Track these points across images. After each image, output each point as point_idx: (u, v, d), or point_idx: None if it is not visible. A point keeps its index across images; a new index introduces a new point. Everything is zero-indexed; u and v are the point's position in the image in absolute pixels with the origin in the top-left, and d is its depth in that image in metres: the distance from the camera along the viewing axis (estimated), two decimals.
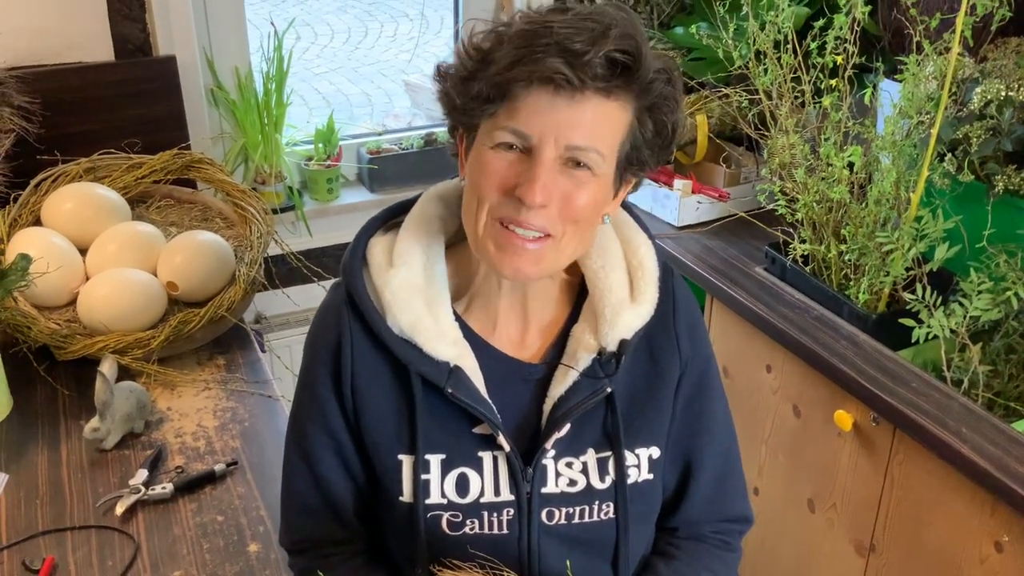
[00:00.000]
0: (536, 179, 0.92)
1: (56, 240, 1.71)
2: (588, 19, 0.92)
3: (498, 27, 0.97)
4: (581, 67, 0.90)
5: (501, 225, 0.96)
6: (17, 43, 1.90)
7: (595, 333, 1.05)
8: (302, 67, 5.05)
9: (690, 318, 1.11)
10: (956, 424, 1.49)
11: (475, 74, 0.95)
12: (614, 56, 0.91)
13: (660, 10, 2.38)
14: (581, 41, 0.90)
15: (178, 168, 1.95)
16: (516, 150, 0.94)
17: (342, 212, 2.39)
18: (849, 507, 1.75)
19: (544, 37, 0.90)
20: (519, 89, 0.92)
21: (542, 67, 0.90)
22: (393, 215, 1.10)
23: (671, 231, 2.14)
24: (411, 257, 1.04)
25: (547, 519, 1.04)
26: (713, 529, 1.17)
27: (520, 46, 0.92)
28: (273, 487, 1.34)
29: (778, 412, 1.88)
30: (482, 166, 0.95)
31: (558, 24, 0.91)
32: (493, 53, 0.95)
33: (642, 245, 1.09)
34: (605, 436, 1.05)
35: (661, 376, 1.08)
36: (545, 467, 1.04)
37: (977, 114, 1.67)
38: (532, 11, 0.97)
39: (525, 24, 0.94)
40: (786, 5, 1.76)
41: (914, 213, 1.66)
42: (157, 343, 1.61)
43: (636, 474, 1.06)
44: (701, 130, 2.19)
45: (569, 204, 0.95)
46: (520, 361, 1.07)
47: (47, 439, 1.50)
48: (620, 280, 1.07)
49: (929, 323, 1.56)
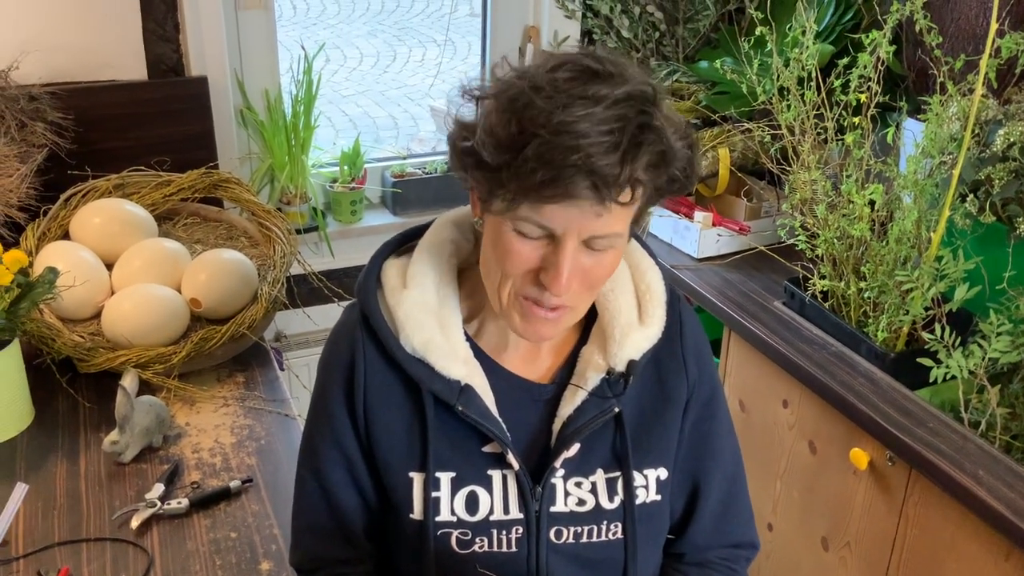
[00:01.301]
0: (561, 271, 0.93)
1: (83, 254, 1.74)
2: (616, 119, 0.87)
3: (516, 102, 0.90)
4: (609, 190, 0.88)
5: (525, 298, 0.97)
6: (53, 60, 1.95)
7: (604, 354, 1.07)
8: (330, 89, 5.11)
9: (697, 342, 1.13)
10: (973, 466, 1.48)
11: (498, 167, 0.91)
12: (640, 176, 0.90)
13: (686, 44, 2.40)
14: (610, 163, 0.87)
15: (206, 187, 1.98)
16: (540, 237, 0.94)
17: (365, 234, 2.42)
18: (863, 546, 1.74)
19: (573, 154, 0.86)
20: (547, 199, 0.90)
21: (570, 190, 0.88)
22: (407, 239, 1.13)
23: (691, 263, 2.14)
24: (424, 279, 1.05)
25: (555, 538, 1.05)
26: (720, 555, 1.17)
27: (547, 162, 0.87)
28: (287, 506, 1.34)
29: (794, 448, 1.87)
30: (506, 247, 0.95)
31: (585, 136, 0.86)
32: (516, 149, 0.89)
33: (649, 270, 1.11)
34: (614, 456, 1.07)
35: (669, 398, 1.10)
36: (554, 486, 1.05)
37: (1000, 156, 1.67)
38: (553, 82, 0.89)
39: (548, 122, 0.87)
40: (811, 42, 1.78)
41: (935, 252, 1.66)
42: (178, 359, 1.63)
43: (644, 495, 1.07)
44: (723, 163, 2.20)
45: (588, 278, 0.97)
46: (530, 381, 1.09)
47: (66, 450, 1.52)
48: (629, 303, 1.09)
49: (947, 363, 1.55)
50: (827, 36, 2.11)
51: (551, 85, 0.89)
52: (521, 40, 2.50)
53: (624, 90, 0.89)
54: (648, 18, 2.41)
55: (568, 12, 2.42)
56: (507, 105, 0.90)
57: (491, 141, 0.90)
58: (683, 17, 2.39)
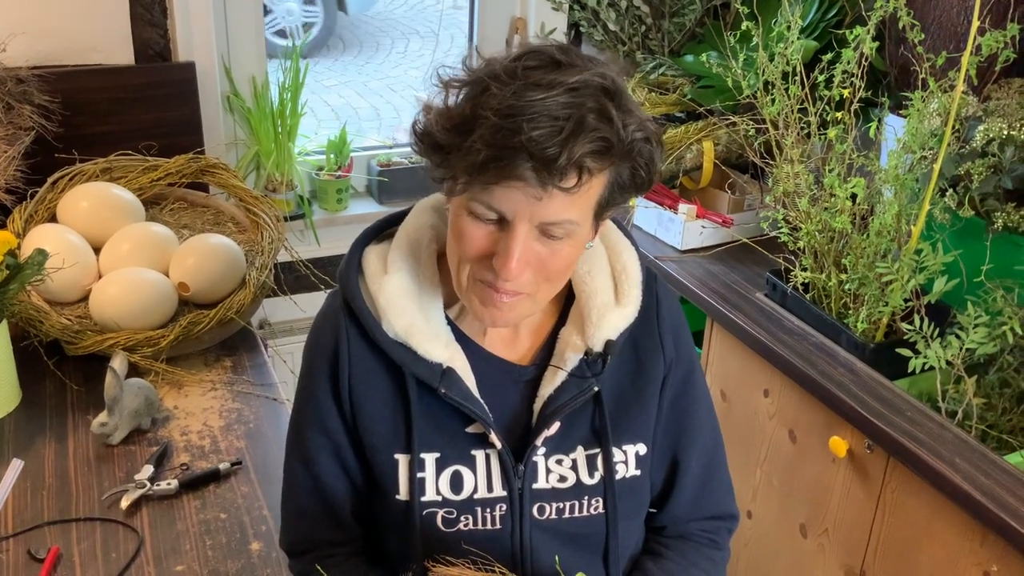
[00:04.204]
0: (511, 255, 0.94)
1: (71, 237, 1.74)
2: (565, 106, 0.88)
3: (475, 88, 0.92)
4: (550, 173, 0.89)
5: (482, 282, 0.99)
6: (40, 44, 1.94)
7: (582, 335, 1.09)
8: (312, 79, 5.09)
9: (674, 321, 1.15)
10: (950, 454, 1.51)
11: (449, 150, 0.93)
12: (584, 162, 0.90)
13: (671, 37, 2.42)
14: (552, 145, 0.87)
15: (193, 172, 1.98)
16: (492, 221, 0.95)
17: (351, 222, 2.42)
18: (841, 533, 1.77)
19: (516, 135, 0.87)
20: (491, 180, 0.92)
21: (511, 171, 0.89)
22: (387, 225, 1.15)
23: (674, 254, 2.17)
24: (404, 264, 1.07)
25: (538, 514, 1.08)
26: (700, 527, 1.20)
27: (491, 143, 0.89)
28: (276, 488, 1.35)
29: (774, 436, 1.90)
30: (460, 231, 0.97)
31: (529, 119, 0.87)
32: (466, 131, 0.91)
33: (625, 250, 1.13)
34: (593, 433, 1.09)
35: (646, 375, 1.12)
36: (536, 464, 1.07)
37: (979, 151, 1.71)
38: (513, 70, 0.91)
39: (499, 106, 0.89)
40: (795, 38, 1.80)
41: (914, 246, 1.69)
42: (166, 342, 1.63)
43: (624, 470, 1.10)
44: (707, 156, 2.22)
45: (544, 267, 0.98)
46: (511, 363, 1.11)
47: (55, 432, 1.52)
48: (605, 284, 1.11)
49: (926, 354, 1.58)
50: (811, 32, 2.14)
51: (510, 73, 0.91)
52: (508, 32, 2.51)
53: (580, 78, 0.90)
54: (635, 11, 2.43)
55: (555, 4, 2.44)
56: (467, 91, 0.93)
57: (443, 123, 0.94)
58: (669, 11, 2.41)
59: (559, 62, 0.92)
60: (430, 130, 0.96)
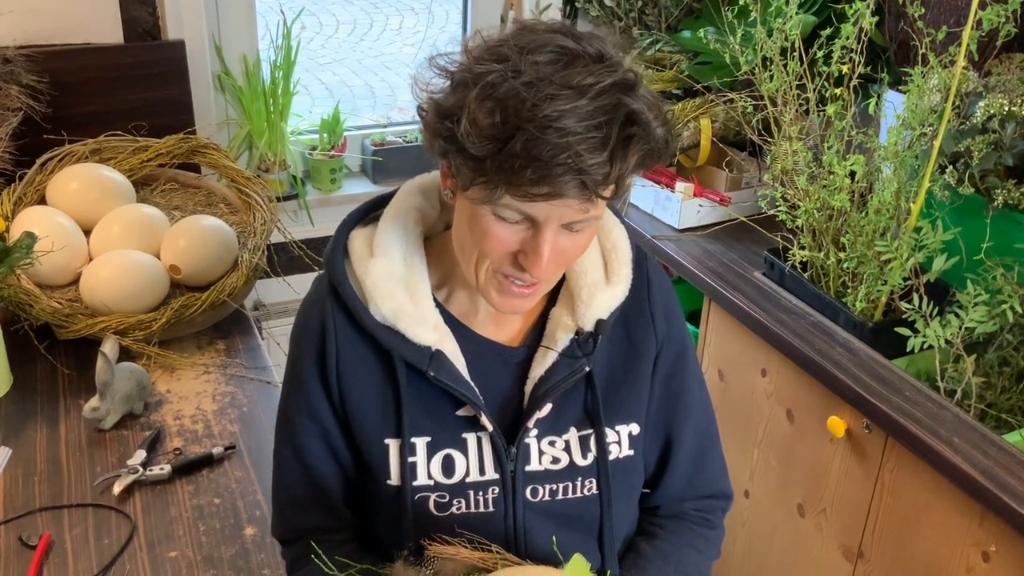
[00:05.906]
0: (541, 255, 0.94)
1: (60, 220, 1.72)
2: (604, 119, 0.87)
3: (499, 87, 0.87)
4: (596, 187, 0.89)
5: (503, 275, 0.98)
6: (27, 22, 1.91)
7: (572, 314, 1.08)
8: (306, 57, 5.03)
9: (665, 299, 1.14)
10: (948, 434, 1.50)
11: (484, 159, 0.89)
12: (626, 173, 0.91)
13: (668, 13, 2.39)
14: (599, 162, 0.87)
15: (184, 152, 1.95)
16: (519, 221, 0.94)
17: (345, 202, 2.40)
18: (839, 512, 1.77)
19: (562, 152, 0.85)
20: (538, 197, 0.90)
21: (559, 189, 0.88)
22: (373, 207, 1.13)
23: (672, 233, 2.15)
24: (391, 247, 1.06)
25: (531, 496, 1.07)
26: (694, 507, 1.19)
27: (535, 158, 0.86)
28: (270, 472, 1.34)
29: (772, 416, 1.89)
30: (484, 230, 0.95)
31: (573, 133, 0.85)
32: (502, 140, 0.87)
33: (614, 228, 1.12)
34: (586, 414, 1.08)
35: (638, 355, 1.11)
36: (528, 446, 1.07)
37: (979, 128, 1.69)
38: (532, 68, 0.87)
39: (533, 116, 0.85)
40: (794, 13, 1.78)
41: (913, 223, 1.67)
42: (158, 326, 1.61)
43: (617, 450, 1.09)
44: (705, 134, 2.20)
45: (566, 257, 0.98)
46: (501, 344, 1.10)
47: (46, 417, 1.51)
48: (595, 262, 1.10)
49: (925, 333, 1.57)
50: (810, 7, 2.11)
51: (532, 70, 0.87)
52: (503, 8, 2.48)
53: (609, 81, 0.88)
54: None
55: None
56: (488, 92, 0.88)
57: (475, 132, 0.88)
58: None
59: (576, 54, 0.89)
60: (459, 139, 0.90)
